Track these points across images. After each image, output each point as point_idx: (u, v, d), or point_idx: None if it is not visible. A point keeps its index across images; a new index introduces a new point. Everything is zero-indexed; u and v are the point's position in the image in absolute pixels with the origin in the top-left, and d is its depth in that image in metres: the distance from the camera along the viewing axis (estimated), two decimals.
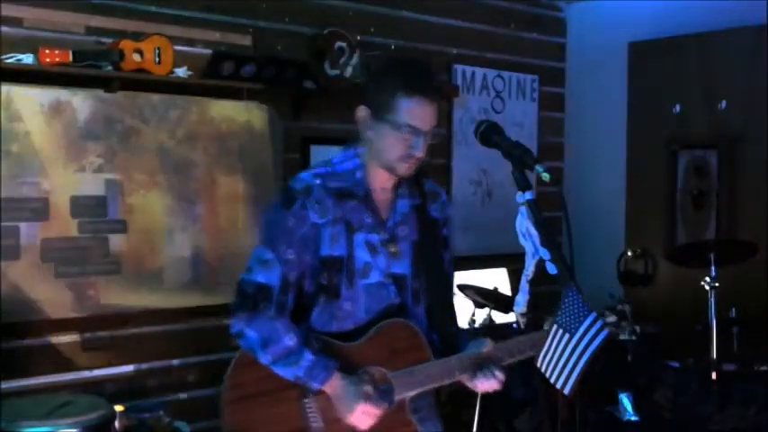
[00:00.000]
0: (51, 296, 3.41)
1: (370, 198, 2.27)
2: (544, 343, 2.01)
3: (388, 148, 2.20)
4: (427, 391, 2.30)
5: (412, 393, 2.23)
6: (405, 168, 2.21)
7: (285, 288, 2.20)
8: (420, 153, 2.18)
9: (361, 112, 2.28)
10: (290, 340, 2.18)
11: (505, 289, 4.73)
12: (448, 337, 2.33)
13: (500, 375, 2.23)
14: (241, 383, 2.27)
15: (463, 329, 2.46)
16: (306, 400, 2.21)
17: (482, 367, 2.23)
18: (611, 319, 2.50)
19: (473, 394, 2.27)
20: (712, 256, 3.71)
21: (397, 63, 2.37)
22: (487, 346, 2.26)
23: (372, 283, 2.26)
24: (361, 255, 2.24)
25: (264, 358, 2.20)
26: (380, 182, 2.27)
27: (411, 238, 2.31)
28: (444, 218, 2.39)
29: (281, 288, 2.20)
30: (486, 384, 2.23)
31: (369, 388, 2.18)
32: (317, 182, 2.23)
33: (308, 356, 2.16)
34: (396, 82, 2.18)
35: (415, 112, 2.16)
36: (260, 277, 2.20)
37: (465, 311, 4.10)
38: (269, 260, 2.20)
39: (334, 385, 2.17)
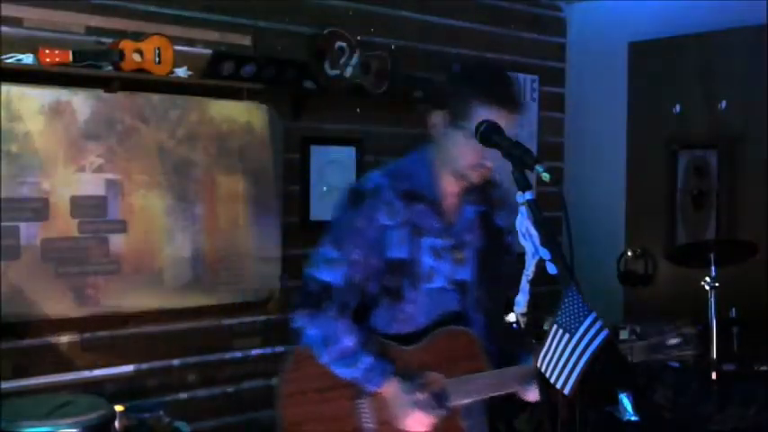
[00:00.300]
0: (51, 296, 3.41)
1: (439, 202, 2.25)
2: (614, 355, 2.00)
3: (461, 156, 2.17)
4: (480, 404, 2.30)
5: (466, 401, 2.23)
6: (475, 177, 2.19)
7: (349, 288, 2.19)
8: (492, 164, 2.15)
9: (436, 117, 2.22)
10: (349, 341, 2.18)
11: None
12: (507, 348, 2.32)
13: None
14: (298, 378, 2.26)
15: (522, 340, 2.45)
16: (360, 401, 2.21)
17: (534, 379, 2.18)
18: (675, 341, 2.38)
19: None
20: (712, 256, 3.71)
21: (479, 70, 2.29)
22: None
23: (435, 287, 2.25)
24: (427, 259, 2.23)
25: (324, 357, 2.19)
26: (449, 187, 2.25)
27: (475, 245, 2.30)
28: (510, 226, 2.29)
29: (345, 288, 2.18)
30: (537, 394, 2.17)
31: (424, 395, 2.17)
32: (387, 183, 2.22)
33: (366, 359, 2.16)
34: (475, 90, 2.13)
35: (496, 122, 2.10)
36: (325, 276, 2.19)
37: None
38: (334, 259, 2.19)
39: (390, 389, 2.17)
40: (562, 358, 1.96)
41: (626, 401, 3.76)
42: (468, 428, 2.26)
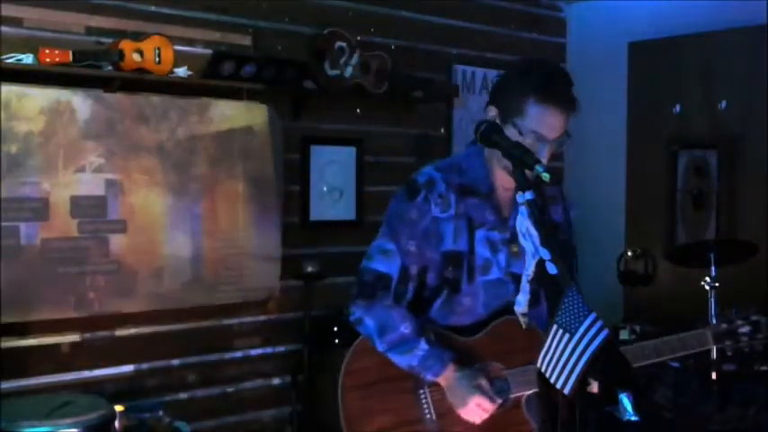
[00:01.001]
0: (51, 296, 3.41)
1: (493, 196, 2.26)
2: (680, 348, 1.97)
3: None
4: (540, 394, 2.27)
5: (528, 392, 2.23)
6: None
7: (404, 278, 2.22)
8: (544, 160, 2.13)
9: (491, 112, 2.22)
10: (405, 328, 2.19)
11: None
12: None
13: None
14: (358, 369, 2.28)
15: None
16: (420, 391, 2.23)
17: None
18: (745, 329, 2.38)
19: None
20: (712, 256, 3.71)
21: (533, 67, 2.25)
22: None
23: (492, 279, 2.26)
24: (482, 251, 2.24)
25: (380, 345, 2.21)
26: (503, 181, 2.25)
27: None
28: (567, 222, 2.37)
29: (400, 278, 2.21)
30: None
31: (483, 381, 2.18)
32: (440, 176, 2.24)
33: (423, 346, 2.18)
34: (528, 86, 2.14)
35: (544, 119, 2.12)
36: (380, 266, 2.22)
37: None
38: (390, 250, 2.22)
39: (448, 377, 2.18)
40: (562, 358, 1.96)
41: (626, 401, 3.75)
42: (533, 420, 2.25)
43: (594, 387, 2.18)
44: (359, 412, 2.24)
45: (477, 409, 2.16)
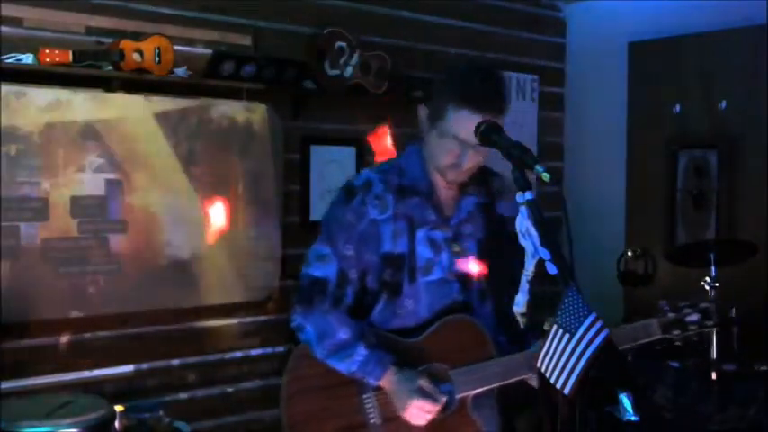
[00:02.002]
0: (51, 296, 3.41)
1: (434, 195, 2.25)
2: (628, 340, 1.98)
3: (437, 155, 2.18)
4: (489, 392, 2.26)
5: (474, 392, 2.20)
6: (452, 176, 2.19)
7: (342, 282, 2.20)
8: (467, 165, 2.14)
9: (421, 111, 2.23)
10: (344, 334, 2.17)
11: None
12: (516, 338, 2.27)
13: None
14: (300, 376, 2.26)
15: (533, 328, 2.44)
16: (364, 396, 2.20)
17: None
18: (694, 317, 2.35)
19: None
20: (712, 256, 3.71)
21: (459, 71, 2.21)
22: None
23: (434, 280, 2.24)
24: (423, 251, 2.22)
25: (319, 352, 2.19)
26: (441, 181, 2.24)
27: (477, 236, 2.28)
28: (515, 215, 2.31)
29: (338, 282, 2.20)
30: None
31: (425, 383, 2.14)
32: (378, 177, 2.23)
33: (362, 351, 2.15)
34: (450, 91, 2.12)
35: (464, 124, 2.09)
36: (316, 272, 2.21)
37: None
38: (326, 255, 2.20)
39: (390, 380, 2.15)
40: (562, 358, 1.96)
41: (626, 401, 3.75)
42: (480, 421, 2.23)
43: (533, 381, 2.18)
44: (303, 419, 2.22)
45: (419, 411, 2.13)
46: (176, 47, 3.64)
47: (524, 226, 2.04)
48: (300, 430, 2.23)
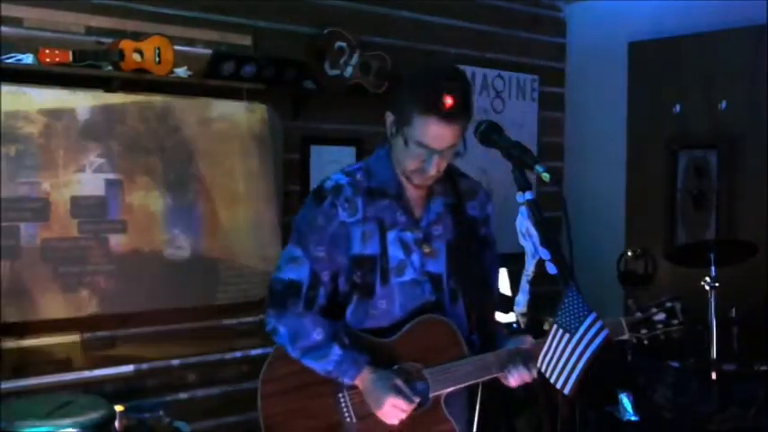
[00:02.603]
0: (51, 296, 3.41)
1: (403, 197, 2.26)
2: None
3: (403, 160, 2.19)
4: (461, 392, 2.29)
5: (447, 390, 2.22)
6: (419, 180, 2.20)
7: (314, 284, 2.22)
8: (432, 171, 2.15)
9: (387, 117, 2.24)
10: (318, 335, 2.19)
11: (505, 289, 4.73)
12: (488, 338, 2.30)
13: (534, 370, 2.18)
14: (277, 377, 2.27)
15: (503, 327, 2.46)
16: (340, 395, 2.22)
17: (515, 361, 2.19)
18: (661, 316, 2.38)
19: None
20: (712, 256, 3.71)
21: (419, 77, 2.21)
22: (527, 342, 2.24)
23: (407, 280, 2.25)
24: (395, 252, 2.23)
25: (294, 353, 2.21)
26: (410, 184, 2.25)
27: (446, 237, 2.29)
28: (484, 216, 2.36)
29: (310, 284, 2.21)
30: (518, 377, 2.19)
31: (399, 382, 2.16)
32: (347, 180, 2.24)
33: (337, 351, 2.16)
34: (412, 97, 2.13)
35: (428, 131, 2.10)
36: (289, 274, 2.22)
37: None
38: (298, 257, 2.22)
39: (365, 379, 2.17)
40: (562, 358, 1.96)
41: (626, 401, 3.76)
42: (452, 418, 2.24)
43: (506, 380, 2.22)
44: (279, 419, 2.23)
45: (393, 409, 2.14)
46: (176, 47, 3.64)
47: (524, 226, 2.04)
48: (278, 429, 2.24)
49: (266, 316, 2.26)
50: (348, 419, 2.21)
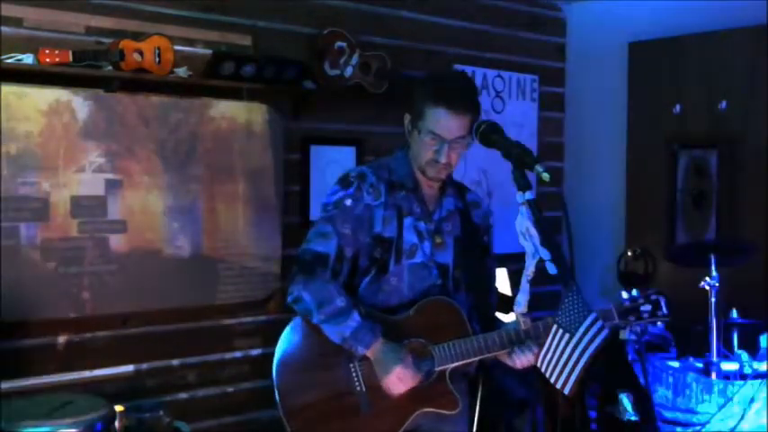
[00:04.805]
0: (51, 296, 3.41)
1: (419, 190, 2.50)
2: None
3: (419, 152, 2.44)
4: (462, 379, 2.50)
5: (452, 365, 2.40)
6: (433, 172, 2.43)
7: (340, 258, 2.42)
8: (444, 159, 2.39)
9: (405, 118, 2.50)
10: (341, 301, 2.36)
11: (505, 289, 4.73)
12: (487, 324, 2.51)
13: (537, 351, 2.34)
14: (292, 348, 2.45)
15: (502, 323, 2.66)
16: (351, 366, 2.38)
17: (519, 343, 2.38)
18: (648, 307, 2.52)
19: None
20: (712, 256, 3.71)
21: (433, 76, 2.61)
22: (526, 322, 2.39)
23: (417, 263, 2.48)
24: (409, 237, 2.47)
25: (317, 317, 2.37)
26: (426, 180, 2.50)
27: (455, 233, 2.53)
28: (486, 226, 2.62)
29: (337, 256, 2.41)
30: (524, 359, 2.38)
31: (408, 356, 2.34)
32: (371, 170, 2.50)
33: (356, 317, 2.34)
34: (426, 93, 2.41)
35: (439, 121, 2.36)
36: (318, 247, 2.42)
37: None
38: (327, 233, 2.42)
39: (377, 349, 2.34)
40: (562, 358, 1.96)
41: (626, 401, 3.77)
42: (457, 394, 2.42)
43: (508, 359, 2.42)
44: (293, 387, 2.40)
45: (398, 380, 2.32)
46: (176, 47, 3.64)
47: (524, 226, 2.05)
48: (291, 397, 2.39)
49: (291, 284, 2.43)
50: (358, 388, 2.38)
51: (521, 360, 2.38)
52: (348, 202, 2.43)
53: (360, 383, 2.38)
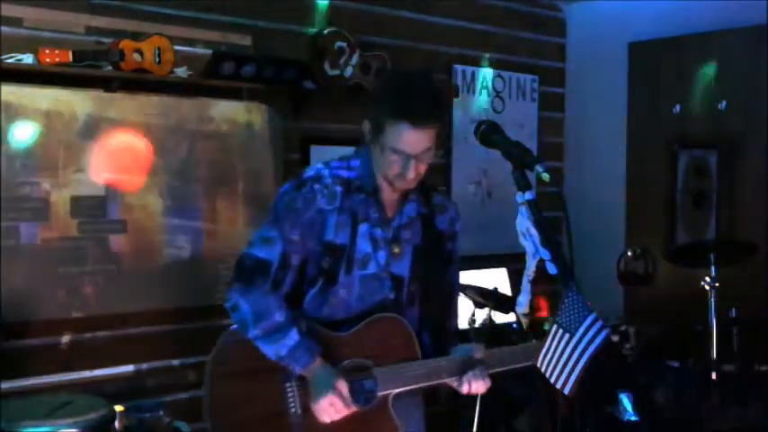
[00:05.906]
0: (51, 296, 3.41)
1: (379, 195, 2.29)
2: (539, 353, 2.02)
3: (383, 166, 2.23)
4: (415, 391, 2.30)
5: (396, 391, 2.23)
6: (401, 185, 2.24)
7: (284, 266, 2.23)
8: (411, 175, 2.17)
9: (365, 126, 2.27)
10: (280, 316, 2.19)
11: (505, 289, 4.73)
12: (439, 340, 2.34)
13: (488, 380, 2.24)
14: (228, 359, 2.30)
15: (456, 333, 2.50)
16: (287, 384, 2.22)
17: (470, 370, 2.23)
18: (615, 338, 2.47)
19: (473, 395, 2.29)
20: (712, 256, 3.71)
21: (391, 86, 2.29)
22: (478, 351, 2.27)
23: (368, 274, 2.28)
24: (363, 245, 2.26)
25: (253, 332, 2.20)
26: (387, 185, 2.28)
27: (414, 242, 2.33)
28: (451, 232, 2.40)
29: (280, 265, 2.22)
30: (474, 386, 2.23)
31: (343, 382, 2.17)
32: (328, 171, 2.29)
33: (294, 335, 2.17)
34: (384, 106, 2.16)
35: (401, 137, 2.13)
36: (260, 253, 2.24)
37: (465, 311, 4.10)
38: (272, 237, 2.23)
39: (312, 371, 2.17)
40: (562, 358, 1.96)
41: (626, 401, 3.76)
42: (401, 419, 2.25)
43: (457, 386, 2.24)
44: (226, 402, 2.26)
45: (329, 408, 2.15)
46: (176, 47, 3.64)
47: (524, 226, 2.04)
48: (221, 413, 2.27)
49: (229, 291, 2.26)
50: (293, 410, 2.21)
51: (470, 387, 2.23)
52: (299, 203, 2.22)
53: (295, 405, 2.21)
